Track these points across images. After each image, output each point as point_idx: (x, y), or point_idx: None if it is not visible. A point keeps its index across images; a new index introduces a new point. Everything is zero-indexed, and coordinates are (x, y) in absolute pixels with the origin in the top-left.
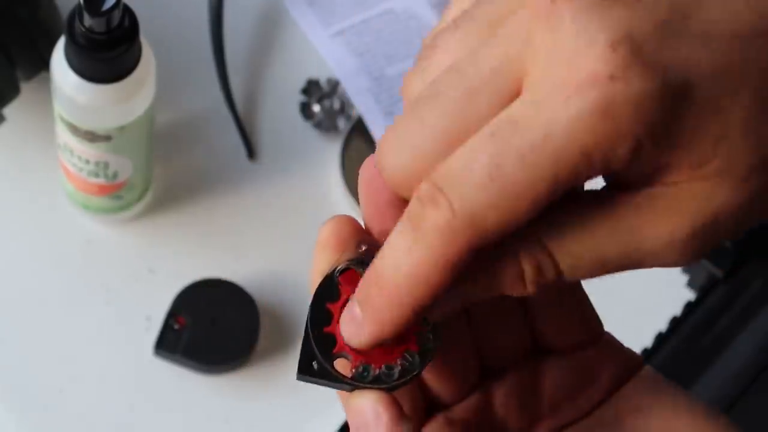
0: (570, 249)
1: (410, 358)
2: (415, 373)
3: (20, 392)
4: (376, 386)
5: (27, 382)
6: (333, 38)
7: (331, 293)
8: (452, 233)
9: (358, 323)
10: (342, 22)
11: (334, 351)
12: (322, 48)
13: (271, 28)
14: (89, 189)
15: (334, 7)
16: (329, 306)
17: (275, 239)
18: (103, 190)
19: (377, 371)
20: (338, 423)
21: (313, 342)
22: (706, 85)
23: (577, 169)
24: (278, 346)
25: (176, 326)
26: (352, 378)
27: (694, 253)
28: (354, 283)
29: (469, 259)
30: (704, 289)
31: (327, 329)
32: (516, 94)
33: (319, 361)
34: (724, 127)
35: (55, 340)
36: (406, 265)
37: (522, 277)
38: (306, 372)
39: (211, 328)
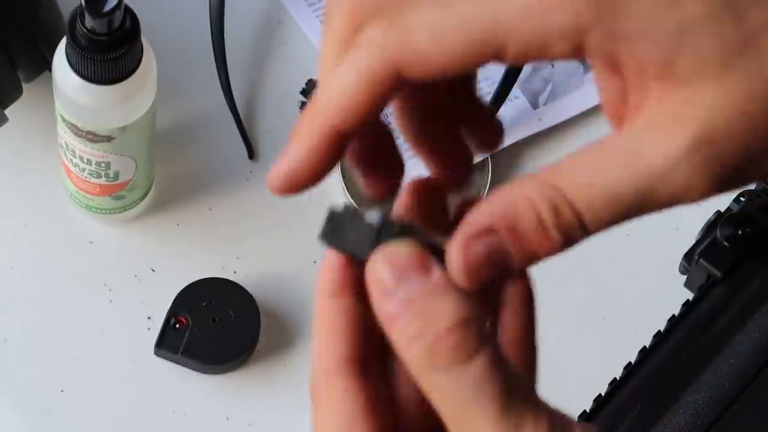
0: (581, 191)
1: None
2: None
3: (22, 392)
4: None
5: (29, 382)
6: None
7: None
8: (383, 43)
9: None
10: None
11: None
12: None
13: (271, 28)
14: (91, 189)
15: None
16: None
17: (276, 239)
18: (104, 191)
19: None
20: None
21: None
22: None
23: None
24: (279, 346)
25: (177, 326)
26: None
27: (699, 173)
28: None
29: (394, 80)
30: (703, 289)
31: None
32: None
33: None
34: (685, 17)
35: (57, 339)
36: (334, 78)
37: (543, 224)
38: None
39: (211, 328)
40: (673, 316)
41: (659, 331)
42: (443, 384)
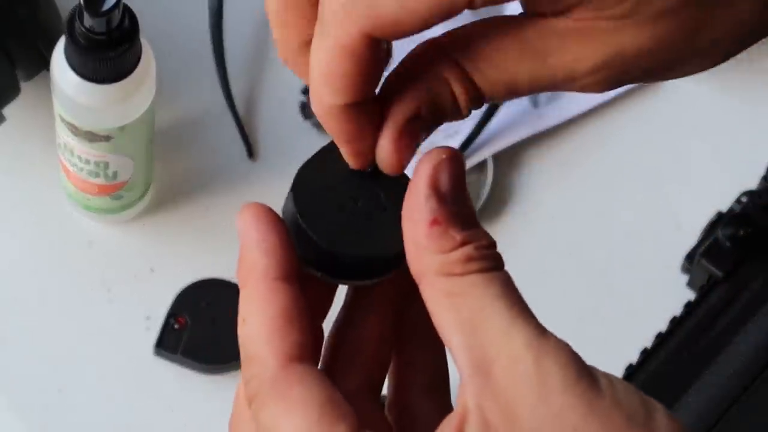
0: (485, 73)
1: None
2: None
3: (20, 392)
4: None
5: (27, 382)
6: None
7: None
8: (347, 16)
9: None
10: None
11: None
12: None
13: (271, 27)
14: (89, 189)
15: None
16: None
17: None
18: (103, 190)
19: None
20: None
21: None
22: None
23: None
24: None
25: (176, 326)
26: None
27: (599, 84)
28: None
29: (366, 46)
30: (704, 289)
31: None
32: None
33: None
34: None
35: (56, 339)
36: (316, 61)
37: (458, 104)
38: None
39: (211, 328)
40: (675, 317)
41: (660, 332)
42: (473, 285)
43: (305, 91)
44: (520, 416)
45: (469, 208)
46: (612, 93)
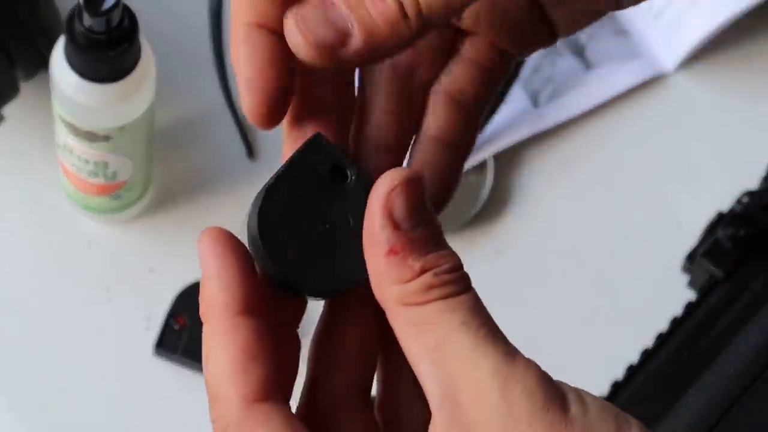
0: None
1: None
2: None
3: (20, 392)
4: None
5: (27, 382)
6: None
7: None
8: None
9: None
10: None
11: None
12: None
13: None
14: (89, 189)
15: None
16: None
17: None
18: (102, 190)
19: None
20: None
21: None
22: None
23: None
24: None
25: (176, 326)
26: None
27: None
28: None
29: None
30: (705, 290)
31: None
32: None
33: None
34: None
35: (55, 339)
36: None
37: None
38: None
39: None
40: (675, 317)
41: (661, 332)
42: (436, 312)
43: None
44: None
45: (431, 228)
46: (612, 92)
